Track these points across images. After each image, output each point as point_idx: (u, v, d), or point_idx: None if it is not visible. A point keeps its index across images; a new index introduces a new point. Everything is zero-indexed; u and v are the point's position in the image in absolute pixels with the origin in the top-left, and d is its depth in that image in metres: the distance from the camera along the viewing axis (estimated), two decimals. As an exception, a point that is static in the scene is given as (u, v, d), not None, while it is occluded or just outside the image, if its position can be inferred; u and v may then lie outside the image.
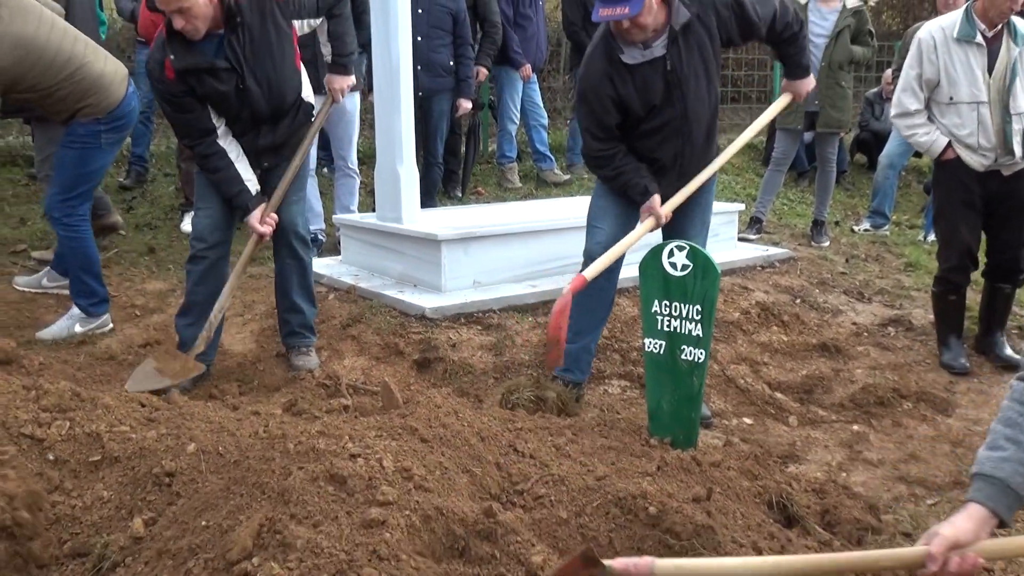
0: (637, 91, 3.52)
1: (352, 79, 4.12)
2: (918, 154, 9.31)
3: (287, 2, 3.72)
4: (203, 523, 2.24)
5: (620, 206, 3.72)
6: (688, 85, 3.55)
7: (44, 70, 3.95)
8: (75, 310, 4.39)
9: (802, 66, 3.90)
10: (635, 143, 3.67)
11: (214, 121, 3.72)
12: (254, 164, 3.89)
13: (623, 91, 3.52)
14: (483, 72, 7.39)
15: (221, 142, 3.73)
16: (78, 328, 4.35)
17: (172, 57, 3.54)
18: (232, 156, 3.75)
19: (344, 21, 3.97)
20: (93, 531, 2.41)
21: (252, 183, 3.79)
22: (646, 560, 1.78)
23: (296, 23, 3.79)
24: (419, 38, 6.29)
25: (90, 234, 4.39)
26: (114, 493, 2.54)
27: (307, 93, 3.97)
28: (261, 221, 3.79)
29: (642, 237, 3.62)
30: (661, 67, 3.49)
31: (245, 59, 3.63)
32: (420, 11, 6.36)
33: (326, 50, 4.05)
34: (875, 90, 10.19)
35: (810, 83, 3.94)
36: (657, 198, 3.59)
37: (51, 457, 2.62)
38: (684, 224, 3.80)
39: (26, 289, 4.87)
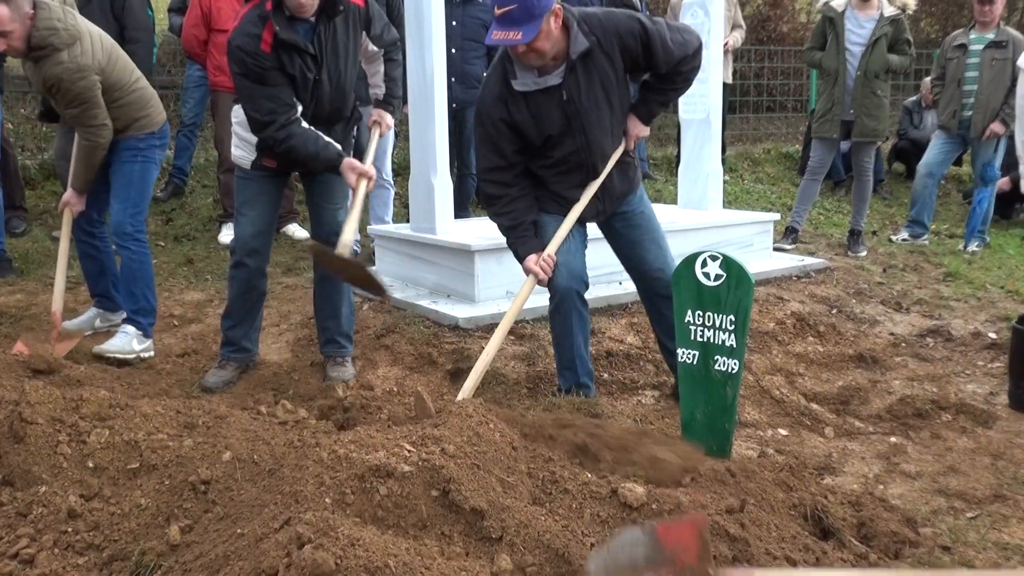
0: (532, 118, 3.42)
1: (393, 120, 4.25)
2: (958, 163, 9.23)
3: (367, 11, 3.83)
4: (238, 531, 2.27)
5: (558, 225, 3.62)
6: (588, 116, 3.44)
7: (123, 68, 4.23)
8: (130, 328, 4.32)
9: (651, 112, 3.67)
10: (541, 174, 3.60)
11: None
12: (293, 168, 4.01)
13: (517, 116, 3.42)
14: None
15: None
16: (136, 345, 4.29)
17: (278, 28, 3.55)
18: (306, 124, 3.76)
19: (398, 67, 4.12)
20: (131, 538, 2.44)
21: (332, 142, 3.80)
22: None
23: (364, 37, 3.90)
24: (453, 50, 6.33)
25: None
26: (151, 500, 2.57)
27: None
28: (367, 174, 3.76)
29: (525, 297, 3.55)
30: (557, 96, 3.39)
31: (327, 52, 3.72)
32: (454, 23, 6.41)
33: (377, 91, 4.16)
34: (914, 98, 10.10)
35: (644, 131, 3.68)
36: (532, 258, 3.48)
37: (91, 465, 2.67)
38: (637, 251, 3.74)
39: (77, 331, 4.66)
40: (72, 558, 2.36)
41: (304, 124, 3.73)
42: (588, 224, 3.75)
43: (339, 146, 3.80)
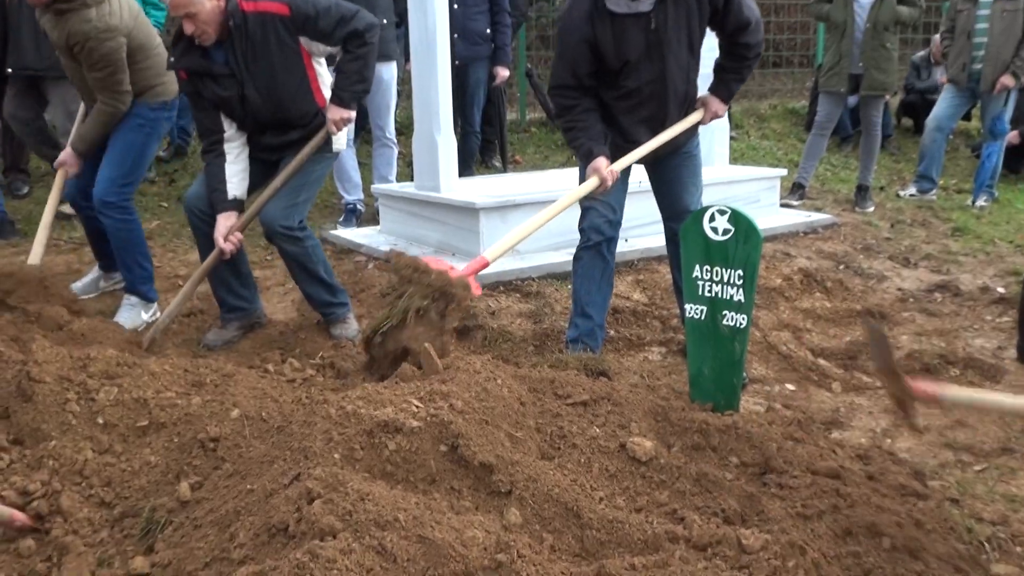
0: (615, 40, 3.46)
1: (351, 114, 3.87)
2: (966, 117, 9.12)
3: (293, 18, 3.62)
4: (248, 487, 2.27)
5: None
6: (669, 47, 3.49)
7: (148, 33, 4.15)
8: (133, 298, 4.27)
9: (730, 91, 3.82)
10: (613, 104, 3.62)
11: (224, 124, 3.78)
12: (262, 156, 3.93)
13: (601, 36, 3.45)
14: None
15: (226, 144, 3.79)
16: (144, 315, 4.25)
17: (172, 58, 3.65)
18: (230, 157, 3.80)
19: (357, 61, 3.71)
20: (141, 495, 2.46)
21: (233, 186, 3.79)
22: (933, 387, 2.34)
23: (304, 41, 3.69)
24: (455, 6, 6.25)
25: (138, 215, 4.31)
26: (161, 458, 2.59)
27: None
28: (225, 236, 3.74)
29: (580, 196, 3.56)
30: (645, 23, 3.44)
31: (246, 68, 3.64)
32: (456, -21, 6.32)
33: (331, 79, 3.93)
34: (922, 53, 9.97)
35: (722, 110, 3.83)
36: (602, 160, 3.50)
37: (100, 421, 2.68)
38: (676, 188, 3.80)
39: (83, 296, 4.55)
40: (88, 512, 2.38)
41: (228, 156, 3.78)
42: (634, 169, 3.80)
43: (232, 199, 3.77)
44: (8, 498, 2.32)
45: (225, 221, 3.75)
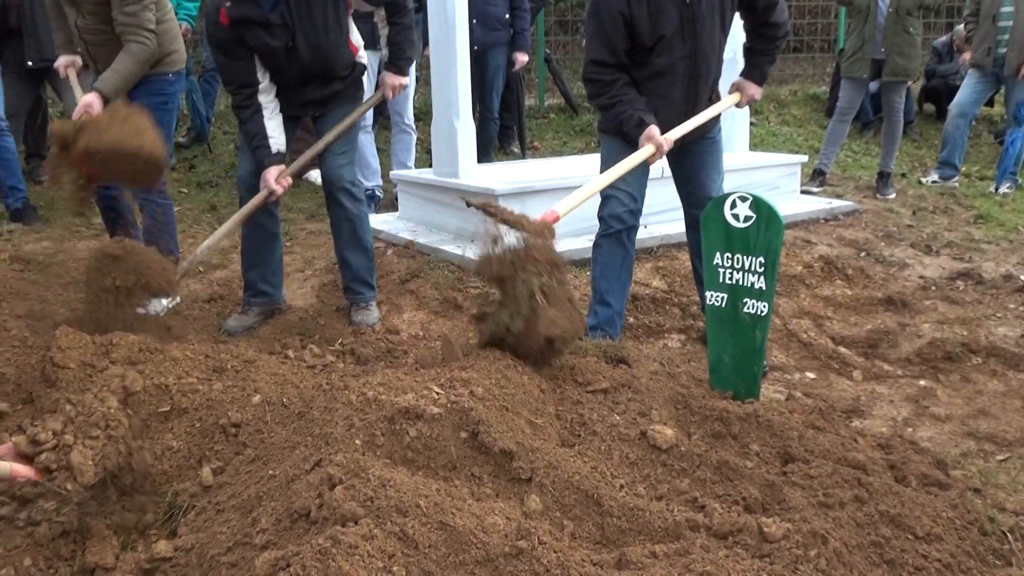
0: (649, 15, 3.44)
1: (406, 79, 4.17)
2: (990, 103, 9.02)
3: None
4: (270, 472, 2.29)
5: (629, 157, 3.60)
6: (703, 24, 3.49)
7: None
8: None
9: (763, 74, 3.87)
10: (644, 85, 3.59)
11: (259, 75, 3.77)
12: (299, 113, 3.97)
13: (636, 11, 3.43)
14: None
15: (261, 97, 3.78)
16: (164, 301, 4.15)
17: (228, 4, 3.59)
18: (267, 111, 3.79)
19: (403, 31, 4.02)
20: (164, 479, 2.48)
21: (275, 140, 3.79)
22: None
23: None
24: (474, -9, 6.22)
25: None
26: (183, 443, 2.60)
27: (360, 55, 4.01)
28: (276, 180, 3.76)
29: (636, 164, 3.45)
30: None
31: (299, 18, 3.66)
32: (475, -37, 6.28)
33: (386, 51, 4.13)
34: (943, 39, 9.85)
35: (758, 93, 3.88)
36: (655, 128, 3.46)
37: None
38: (701, 176, 3.79)
39: None
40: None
41: (265, 111, 3.76)
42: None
43: (274, 153, 3.76)
44: (18, 446, 2.27)
45: (274, 171, 3.76)
